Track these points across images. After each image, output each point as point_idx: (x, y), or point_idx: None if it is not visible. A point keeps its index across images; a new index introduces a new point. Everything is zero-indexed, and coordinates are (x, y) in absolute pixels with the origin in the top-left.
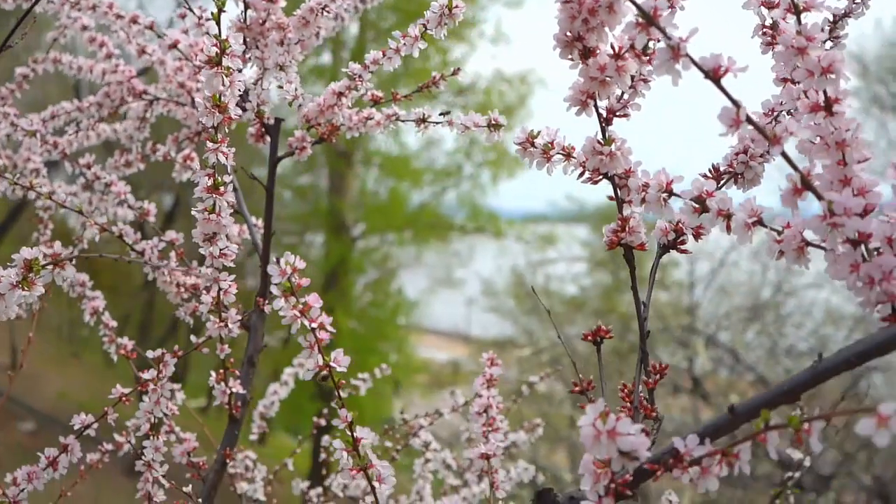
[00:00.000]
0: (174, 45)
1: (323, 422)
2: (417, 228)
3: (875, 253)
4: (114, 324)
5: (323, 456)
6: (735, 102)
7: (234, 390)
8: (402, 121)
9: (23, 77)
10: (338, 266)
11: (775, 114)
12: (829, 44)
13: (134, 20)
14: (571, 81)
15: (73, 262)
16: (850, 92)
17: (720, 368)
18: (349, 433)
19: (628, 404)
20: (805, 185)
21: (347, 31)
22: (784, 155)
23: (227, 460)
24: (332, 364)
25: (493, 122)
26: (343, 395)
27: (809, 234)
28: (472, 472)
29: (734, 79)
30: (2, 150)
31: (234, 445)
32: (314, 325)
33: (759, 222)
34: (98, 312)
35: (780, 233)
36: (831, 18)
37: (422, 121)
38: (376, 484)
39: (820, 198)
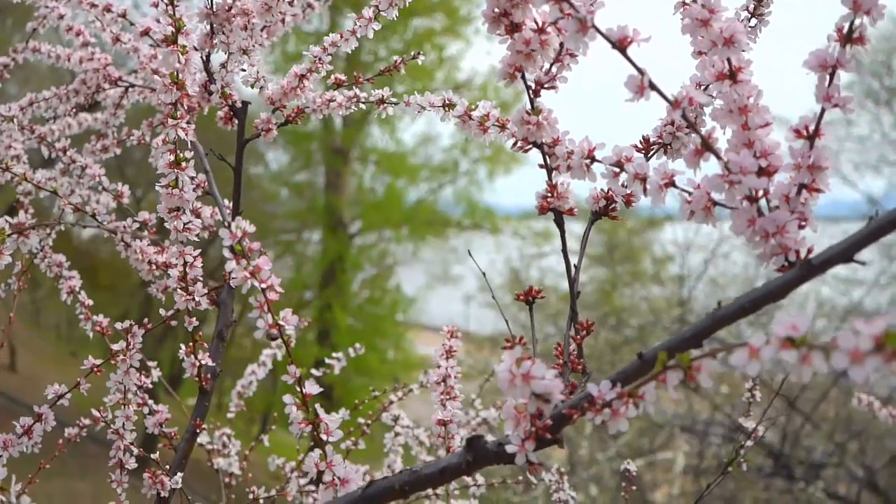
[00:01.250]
0: (146, 33)
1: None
2: (414, 225)
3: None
4: (90, 302)
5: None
6: (640, 70)
7: (203, 363)
8: (363, 102)
9: (3, 67)
10: (335, 263)
11: (703, 87)
12: (753, 20)
13: (107, 9)
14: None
15: (41, 232)
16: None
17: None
18: (298, 389)
19: (560, 361)
20: (706, 146)
21: (344, 25)
22: (684, 117)
23: (197, 430)
24: (281, 322)
25: (447, 102)
26: (289, 351)
27: (716, 195)
28: (443, 447)
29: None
30: None
31: (205, 417)
32: (264, 285)
33: (672, 184)
34: (74, 291)
35: (690, 194)
36: None
37: (381, 101)
38: (324, 436)
39: (719, 158)
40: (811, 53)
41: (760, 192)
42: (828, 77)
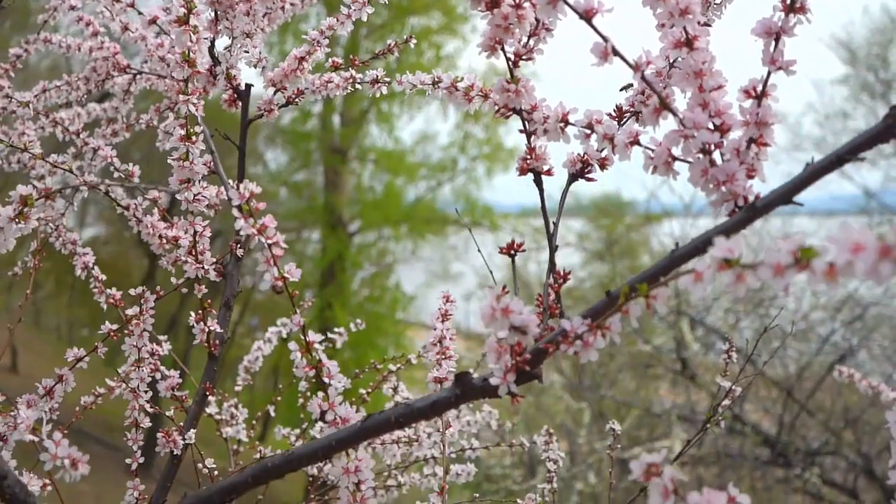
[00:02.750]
0: (153, 21)
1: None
2: (413, 223)
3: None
4: (103, 277)
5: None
6: (604, 38)
7: (212, 329)
8: (359, 83)
9: (16, 57)
10: (335, 262)
11: (671, 60)
12: None
13: None
14: (563, 75)
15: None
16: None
17: (711, 352)
18: (303, 337)
19: (540, 308)
20: (663, 105)
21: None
22: (644, 79)
23: (207, 393)
24: (286, 275)
25: (436, 79)
26: (293, 301)
27: (675, 150)
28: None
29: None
30: None
31: (214, 381)
32: (270, 241)
33: (636, 142)
34: (88, 267)
35: (653, 150)
36: None
37: (375, 81)
38: (327, 380)
39: (675, 115)
40: (758, 21)
41: (713, 146)
42: (773, 42)
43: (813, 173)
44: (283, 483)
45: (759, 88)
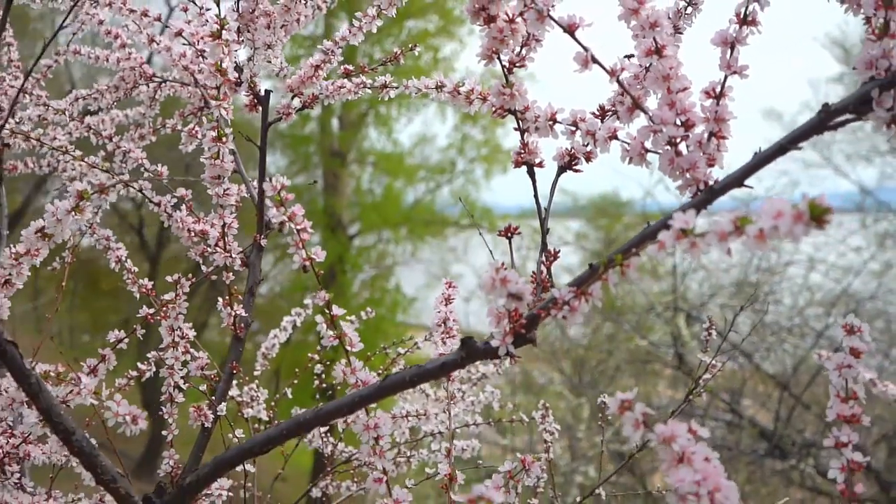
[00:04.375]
0: (179, 34)
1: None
2: (413, 225)
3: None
4: (135, 269)
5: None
6: (585, 48)
7: (238, 314)
8: (369, 88)
9: (47, 67)
10: (335, 264)
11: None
12: (689, 8)
13: (144, 14)
14: (560, 76)
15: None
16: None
17: (707, 347)
18: (327, 311)
19: (534, 284)
20: (636, 105)
21: (338, 28)
22: (619, 83)
23: (234, 371)
24: (312, 256)
25: (439, 84)
26: (318, 279)
27: (648, 144)
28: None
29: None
30: (31, 132)
31: (240, 360)
32: (299, 227)
33: (614, 136)
34: (121, 260)
35: (629, 144)
36: None
37: (384, 86)
38: (349, 348)
39: (646, 113)
40: (716, 32)
41: (679, 139)
42: (729, 50)
43: (760, 160)
44: (285, 485)
45: (718, 90)
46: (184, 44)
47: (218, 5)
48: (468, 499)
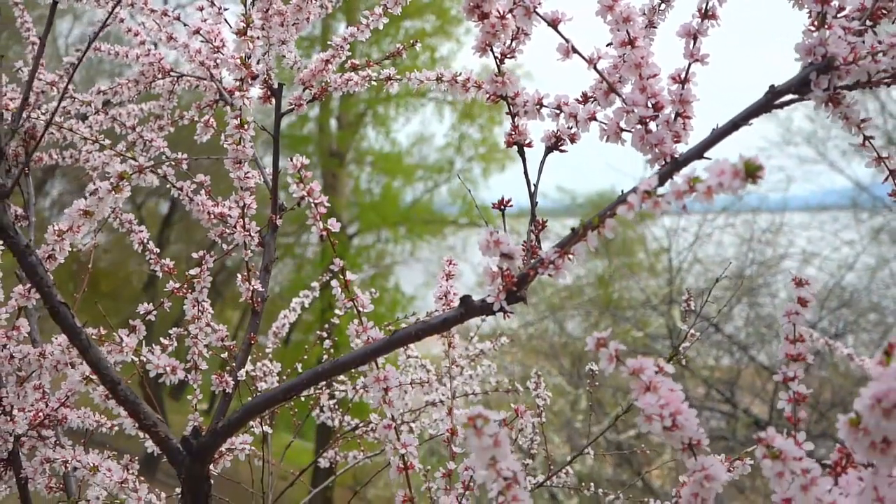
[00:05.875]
0: (197, 31)
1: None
2: (411, 225)
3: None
4: (157, 250)
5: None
6: (566, 39)
7: (255, 288)
8: (374, 81)
9: (70, 66)
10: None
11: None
12: (663, 5)
13: (164, 13)
14: (557, 75)
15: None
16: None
17: (704, 342)
18: (342, 276)
19: (524, 252)
20: (611, 89)
21: (336, 28)
22: (596, 70)
23: (252, 342)
24: (329, 227)
25: (439, 76)
26: (333, 247)
27: (622, 123)
28: (446, 375)
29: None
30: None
31: (257, 332)
32: (316, 201)
33: (594, 118)
34: (144, 243)
35: (606, 124)
36: None
37: (388, 79)
38: (360, 308)
39: (620, 96)
40: (681, 25)
41: (649, 119)
42: (692, 41)
43: (717, 135)
44: (291, 490)
45: (683, 76)
46: (201, 41)
47: (245, 4)
48: (468, 417)
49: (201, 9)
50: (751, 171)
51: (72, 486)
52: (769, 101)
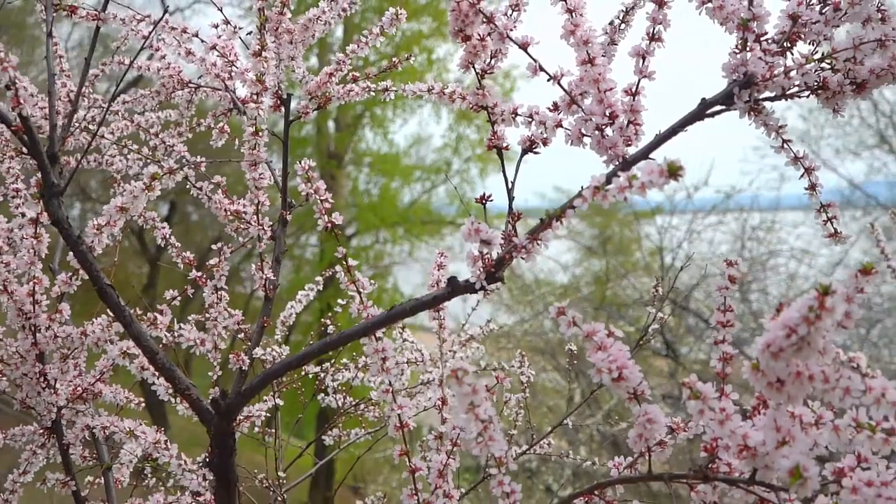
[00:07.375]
0: (213, 47)
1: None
2: (409, 225)
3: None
4: (179, 245)
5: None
6: (534, 59)
7: (268, 277)
8: (373, 91)
9: (94, 76)
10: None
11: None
12: (623, 25)
13: (184, 30)
14: (538, 87)
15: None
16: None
17: (694, 336)
18: (345, 262)
19: (504, 240)
20: (572, 101)
21: (333, 34)
22: (560, 85)
23: (265, 325)
24: (333, 220)
25: (430, 87)
26: (337, 238)
27: (583, 130)
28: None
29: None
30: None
31: (269, 316)
32: (322, 198)
33: (560, 125)
34: (167, 238)
35: (569, 130)
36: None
37: (386, 89)
38: (361, 289)
39: (580, 107)
40: (632, 47)
41: (605, 126)
42: (641, 60)
43: (658, 140)
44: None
45: (634, 89)
46: (219, 55)
47: (260, 30)
48: (451, 370)
49: (216, 26)
50: (673, 171)
51: (104, 454)
52: (701, 111)
